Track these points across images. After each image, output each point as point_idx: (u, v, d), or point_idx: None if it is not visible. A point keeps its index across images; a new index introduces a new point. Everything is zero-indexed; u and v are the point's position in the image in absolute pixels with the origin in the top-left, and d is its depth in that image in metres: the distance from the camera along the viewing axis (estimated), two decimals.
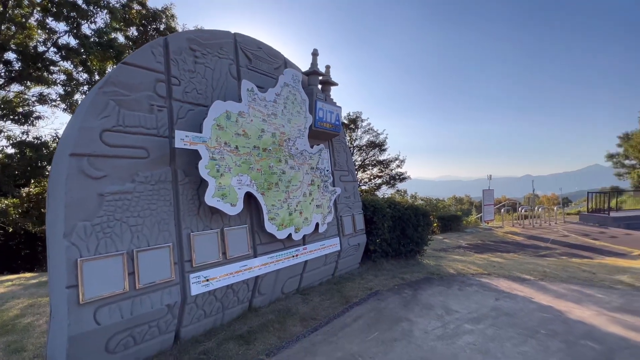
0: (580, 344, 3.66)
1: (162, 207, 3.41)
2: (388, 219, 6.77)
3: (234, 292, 3.99)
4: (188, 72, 3.86)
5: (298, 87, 4.86)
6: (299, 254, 4.86)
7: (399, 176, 19.25)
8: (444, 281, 5.93)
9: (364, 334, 3.92)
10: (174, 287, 3.35)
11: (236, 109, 3.95)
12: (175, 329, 3.45)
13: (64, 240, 2.71)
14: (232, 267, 3.92)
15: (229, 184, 3.80)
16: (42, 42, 10.30)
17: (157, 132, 3.47)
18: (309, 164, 4.99)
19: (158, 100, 3.53)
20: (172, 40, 3.78)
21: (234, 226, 4.04)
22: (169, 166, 3.53)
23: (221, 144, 3.76)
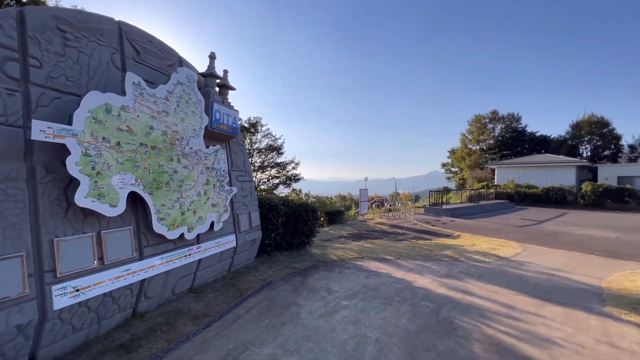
0: (420, 304, 4.42)
1: (12, 210, 2.59)
2: (282, 215, 6.83)
3: (114, 300, 3.35)
4: (55, 55, 3.06)
5: (193, 87, 4.42)
6: (192, 253, 4.42)
7: (294, 177, 19.75)
8: (328, 267, 6.33)
9: (256, 323, 3.83)
10: (27, 304, 2.59)
11: (118, 103, 3.33)
12: (29, 352, 2.67)
13: None
14: (111, 272, 3.28)
15: (107, 183, 3.17)
16: None
17: (5, 119, 2.62)
18: (204, 163, 4.59)
19: (7, 82, 2.68)
20: (30, 14, 2.93)
21: (114, 228, 3.39)
22: (22, 162, 2.72)
23: (98, 139, 3.10)
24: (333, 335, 3.52)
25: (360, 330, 3.64)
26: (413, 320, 3.92)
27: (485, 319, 3.95)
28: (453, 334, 3.56)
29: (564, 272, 6.18)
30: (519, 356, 3.14)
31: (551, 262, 6.93)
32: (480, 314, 4.10)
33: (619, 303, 4.51)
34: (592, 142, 34.04)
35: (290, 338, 3.47)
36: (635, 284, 5.34)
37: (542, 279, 5.64)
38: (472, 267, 6.43)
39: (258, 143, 18.40)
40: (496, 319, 3.98)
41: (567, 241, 9.55)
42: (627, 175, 22.83)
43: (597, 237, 10.29)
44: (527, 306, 4.39)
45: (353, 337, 3.48)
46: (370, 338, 3.47)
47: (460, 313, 4.13)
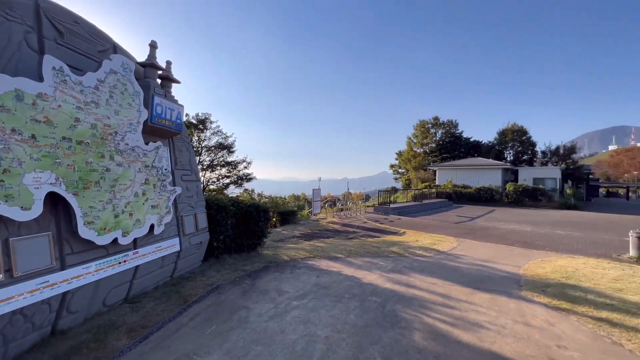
0: (368, 299, 4.60)
1: None
2: (231, 216, 6.57)
3: (26, 317, 2.88)
4: None
5: (130, 77, 4.01)
6: (128, 259, 4.02)
7: (246, 177, 19.18)
8: (279, 267, 6.26)
9: (201, 331, 3.62)
10: None
11: (34, 89, 2.87)
12: None
13: None
14: (22, 286, 2.82)
15: (18, 182, 2.72)
16: None
17: None
18: (142, 161, 4.20)
19: None
20: None
21: (27, 235, 2.92)
22: None
23: (6, 130, 2.64)
24: (282, 337, 3.48)
25: (310, 330, 3.66)
26: (361, 315, 4.06)
27: (425, 309, 4.26)
28: (397, 326, 3.77)
29: (492, 262, 6.95)
30: (452, 341, 3.44)
31: (482, 254, 7.75)
32: (421, 305, 4.41)
33: (532, 287, 5.21)
34: (514, 148, 38.95)
35: (237, 343, 3.35)
36: (544, 270, 6.24)
37: (473, 270, 6.27)
38: (415, 261, 6.90)
39: (207, 141, 17.49)
40: (434, 308, 4.32)
41: (494, 235, 10.78)
42: (540, 177, 26.61)
43: (517, 230, 11.79)
44: (460, 295, 4.84)
45: (303, 337, 3.48)
46: (320, 336, 3.51)
47: (403, 305, 4.39)
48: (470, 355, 3.17)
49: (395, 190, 24.50)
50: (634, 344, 3.40)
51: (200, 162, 17.07)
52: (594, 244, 9.29)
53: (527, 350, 3.27)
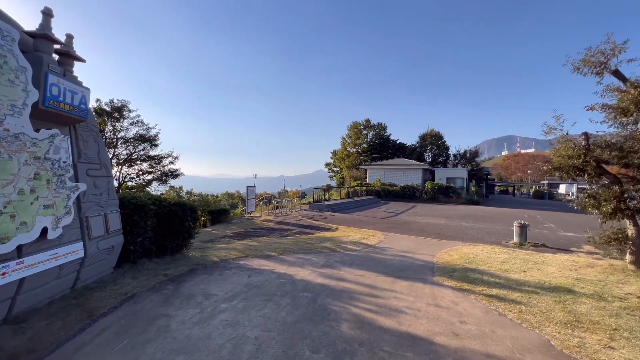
0: (300, 296, 4.65)
1: None
2: (152, 216, 5.91)
3: None
4: None
5: (12, 49, 3.26)
6: (9, 271, 3.28)
7: (172, 172, 17.55)
8: (207, 269, 5.89)
9: (109, 347, 3.17)
10: None
11: None
12: None
13: None
14: None
15: None
16: None
17: None
18: (30, 152, 3.47)
19: None
20: None
21: None
22: None
23: None
24: (208, 343, 3.28)
25: (239, 332, 3.53)
26: (292, 312, 4.08)
27: (353, 300, 4.50)
28: (326, 319, 3.89)
29: (412, 253, 7.72)
30: (376, 327, 3.70)
31: (404, 246, 8.54)
32: (350, 297, 4.64)
33: (442, 273, 5.95)
34: (432, 150, 43.97)
35: (155, 356, 3.04)
36: (452, 257, 7.19)
37: (396, 260, 6.87)
38: (346, 255, 7.24)
39: (125, 131, 15.43)
40: (361, 298, 4.59)
41: (415, 228, 12.00)
42: (452, 177, 30.60)
43: (434, 224, 13.35)
44: (384, 284, 5.25)
45: (230, 340, 3.34)
46: (249, 337, 3.41)
47: (333, 299, 4.56)
48: (390, 338, 3.46)
49: (330, 188, 25.36)
50: (513, 313, 4.16)
51: (116, 155, 14.95)
52: (490, 234, 11.09)
53: (437, 328, 3.72)
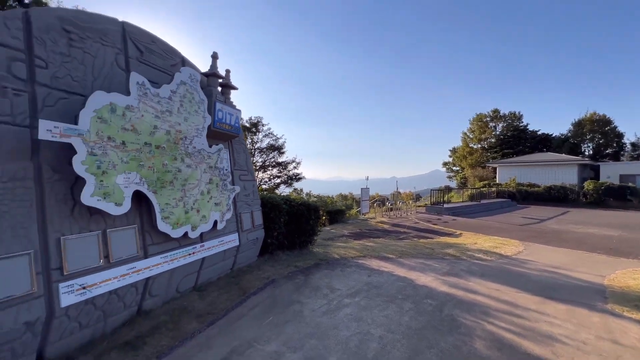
0: (423, 302, 4.44)
1: (18, 209, 2.63)
2: (284, 214, 6.85)
3: (119, 297, 3.38)
4: (60, 55, 3.09)
5: (196, 87, 4.45)
6: (196, 251, 4.45)
7: (296, 176, 19.79)
8: (330, 265, 6.35)
9: (260, 320, 3.86)
10: (35, 301, 2.62)
11: (123, 102, 3.36)
12: (37, 348, 2.71)
13: None
14: (116, 270, 3.31)
15: (113, 182, 3.20)
16: None
17: (10, 119, 2.66)
18: (207, 162, 4.62)
19: (14, 82, 2.71)
20: (36, 15, 2.96)
21: (119, 227, 3.42)
22: (29, 161, 2.75)
23: (103, 138, 3.13)
24: (336, 333, 3.55)
25: (363, 328, 3.67)
26: (416, 317, 3.94)
27: (487, 317, 3.97)
28: (456, 331, 3.58)
29: (566, 269, 6.18)
30: (521, 353, 3.15)
31: (553, 260, 6.93)
32: (483, 312, 4.12)
33: (621, 300, 4.51)
34: (594, 141, 33.95)
35: (293, 335, 3.50)
36: (637, 282, 5.35)
37: (544, 277, 5.65)
38: (474, 265, 6.45)
39: (259, 143, 18.47)
40: (498, 316, 4.00)
41: (569, 239, 9.55)
42: (629, 174, 22.75)
43: (599, 235, 10.28)
44: (529, 303, 4.40)
45: (356, 334, 3.51)
46: (374, 335, 3.50)
47: (462, 310, 4.15)
48: None
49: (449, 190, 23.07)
50: None
51: (253, 163, 18.11)
52: None
53: None
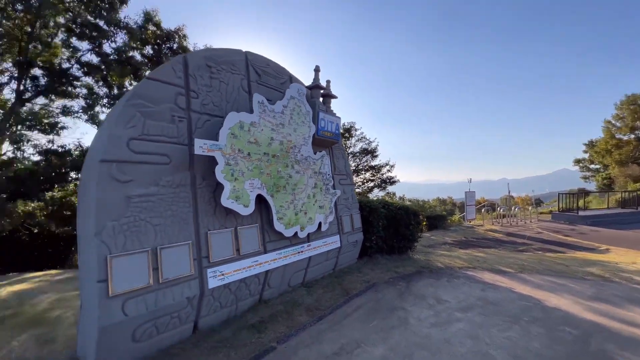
0: (559, 329, 3.69)
1: (182, 209, 3.40)
2: (382, 218, 6.80)
3: (247, 286, 3.98)
4: (205, 87, 3.89)
5: (303, 100, 4.89)
6: (304, 250, 4.86)
7: (390, 180, 19.34)
8: (434, 274, 5.95)
9: (365, 322, 3.92)
10: (193, 281, 3.34)
11: (248, 120, 3.97)
12: (194, 319, 3.43)
13: (94, 239, 2.70)
14: (244, 262, 3.91)
15: (242, 187, 3.81)
16: (66, 59, 10.27)
17: (177, 140, 3.48)
18: (312, 168, 5.01)
19: (178, 112, 3.55)
20: (190, 58, 3.81)
21: (246, 225, 4.04)
22: (188, 171, 3.54)
23: (235, 150, 3.77)
24: (449, 348, 3.29)
25: (481, 347, 3.29)
26: (550, 346, 3.31)
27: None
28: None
29: None
30: None
31: None
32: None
33: None
34: None
35: (400, 342, 3.42)
36: None
37: None
38: (635, 291, 5.00)
39: (352, 147, 18.82)
40: None
41: None
42: None
43: None
44: None
45: (473, 353, 3.18)
46: (495, 357, 3.10)
47: (621, 347, 3.27)
48: None
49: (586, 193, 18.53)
50: None
51: None
52: None
53: None
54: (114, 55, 10.36)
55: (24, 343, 3.38)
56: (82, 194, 3.10)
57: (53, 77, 9.84)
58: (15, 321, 3.96)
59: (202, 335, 3.48)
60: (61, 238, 11.33)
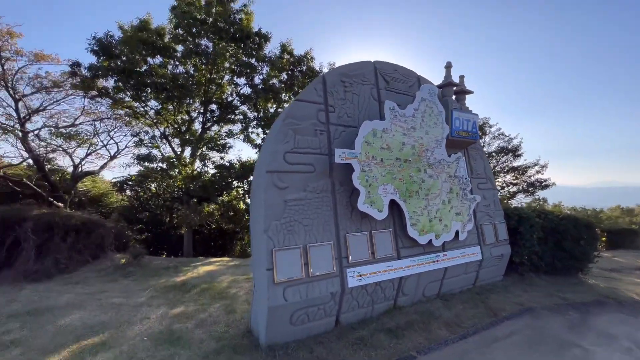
0: None
1: (325, 212, 3.79)
2: (537, 229, 5.61)
3: (382, 289, 4.04)
4: (340, 100, 4.24)
5: (434, 100, 4.65)
6: (439, 259, 4.54)
7: (540, 183, 15.78)
8: (625, 307, 4.46)
9: (523, 352, 3.31)
10: (335, 279, 3.65)
11: (380, 127, 4.08)
12: (335, 314, 3.73)
13: (264, 235, 3.35)
14: (379, 266, 4.00)
15: (376, 192, 3.93)
16: (229, 93, 13.27)
17: (319, 151, 3.92)
18: (446, 172, 4.66)
19: (320, 126, 4.00)
20: (328, 77, 4.25)
21: (380, 230, 4.13)
22: (328, 178, 3.92)
23: (369, 157, 3.94)
24: None
25: None
26: None
27: None
28: None
29: None
30: None
31: None
32: None
33: None
34: None
35: None
36: None
37: None
38: None
39: (487, 146, 16.40)
40: None
41: None
42: None
43: None
44: None
45: None
46: None
47: None
48: None
49: None
50: None
51: None
52: None
53: None
54: (260, 85, 12.67)
55: (217, 309, 4.50)
56: (253, 197, 3.90)
57: (222, 109, 12.91)
58: (209, 293, 5.32)
59: (342, 330, 3.74)
60: (227, 232, 14.54)
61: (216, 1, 11.49)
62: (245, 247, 14.67)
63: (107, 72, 10.12)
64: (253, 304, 3.75)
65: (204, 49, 11.32)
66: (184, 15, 10.67)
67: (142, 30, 10.68)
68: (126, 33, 10.52)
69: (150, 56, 10.97)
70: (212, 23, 11.24)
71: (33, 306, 4.67)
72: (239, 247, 14.74)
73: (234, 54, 11.99)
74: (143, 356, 3.23)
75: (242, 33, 11.43)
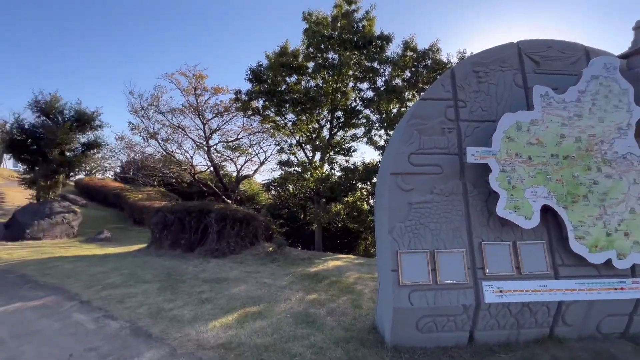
0: None
1: (455, 216, 3.51)
2: None
3: (531, 312, 3.38)
4: (473, 93, 3.83)
5: (614, 76, 3.52)
6: (626, 287, 3.40)
7: None
8: None
9: None
10: (468, 290, 3.32)
11: (527, 118, 3.44)
12: (469, 329, 3.39)
13: (388, 236, 3.41)
14: (527, 284, 3.36)
15: (521, 196, 3.33)
16: (353, 99, 13.95)
17: (447, 150, 3.66)
18: (638, 170, 3.45)
19: (447, 124, 3.73)
20: (457, 69, 3.91)
21: (527, 240, 3.47)
22: (459, 180, 3.61)
23: (512, 155, 3.38)
24: None
25: None
26: None
27: None
28: None
29: None
30: None
31: None
32: None
33: None
34: None
35: None
36: None
37: None
38: None
39: None
40: None
41: None
42: None
43: None
44: None
45: None
46: None
47: None
48: None
49: None
50: None
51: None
52: None
53: None
54: (383, 86, 12.73)
55: (345, 302, 4.86)
56: (378, 198, 4.03)
57: (347, 115, 13.71)
58: (338, 286, 5.79)
59: (478, 348, 3.35)
60: (352, 231, 15.29)
61: (341, 15, 12.33)
62: (369, 247, 15.02)
63: (258, 95, 12.53)
64: (378, 303, 3.87)
65: (330, 62, 12.35)
66: (314, 34, 11.97)
67: (282, 55, 12.65)
68: (270, 60, 12.70)
69: (288, 76, 12.85)
70: (338, 36, 12.12)
71: (216, 275, 6.32)
72: (362, 246, 15.23)
73: (358, 61, 12.53)
74: (287, 330, 3.86)
75: (365, 39, 11.83)
